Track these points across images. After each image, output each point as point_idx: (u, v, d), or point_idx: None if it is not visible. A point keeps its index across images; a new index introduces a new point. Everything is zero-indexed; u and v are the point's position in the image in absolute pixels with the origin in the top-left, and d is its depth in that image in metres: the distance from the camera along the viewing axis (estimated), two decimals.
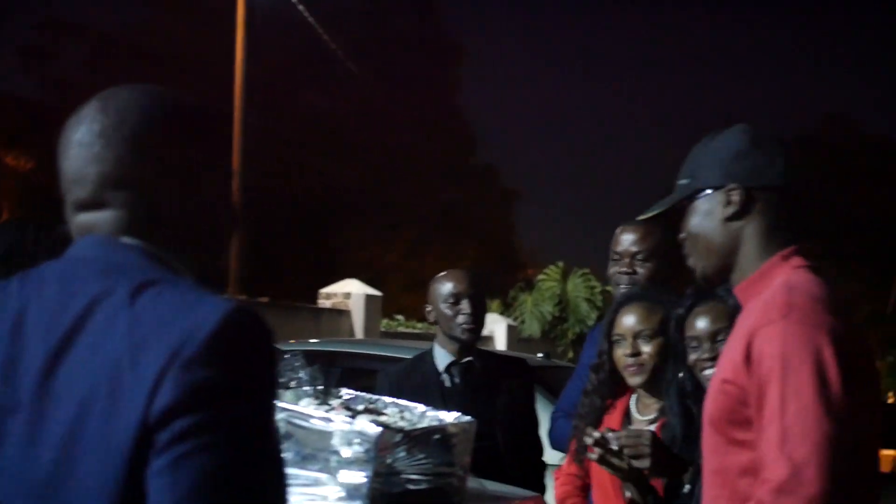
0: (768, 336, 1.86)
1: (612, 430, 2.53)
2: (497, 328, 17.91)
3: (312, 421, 2.75)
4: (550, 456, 3.93)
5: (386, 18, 30.34)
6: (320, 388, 3.11)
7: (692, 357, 2.75)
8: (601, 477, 2.92)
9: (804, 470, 1.75)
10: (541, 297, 20.04)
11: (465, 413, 3.54)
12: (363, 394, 3.14)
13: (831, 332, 1.85)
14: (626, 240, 3.46)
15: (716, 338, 2.68)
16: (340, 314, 13.99)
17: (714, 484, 2.02)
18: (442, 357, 3.79)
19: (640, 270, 3.42)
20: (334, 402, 2.99)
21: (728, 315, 2.72)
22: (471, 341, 3.75)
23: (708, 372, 2.69)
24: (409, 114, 29.39)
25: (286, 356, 3.22)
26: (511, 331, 18.14)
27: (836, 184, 32.55)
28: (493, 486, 3.39)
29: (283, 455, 1.32)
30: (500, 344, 17.52)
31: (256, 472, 1.23)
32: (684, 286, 2.80)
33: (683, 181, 2.17)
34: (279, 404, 2.83)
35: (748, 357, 1.89)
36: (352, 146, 27.62)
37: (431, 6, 31.55)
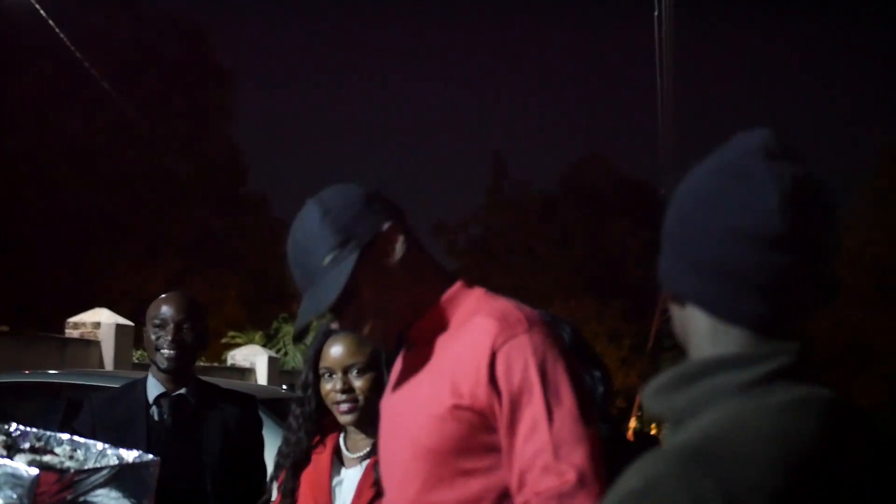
0: (516, 349, 1.83)
1: None
2: (259, 360, 17.52)
3: None
4: None
5: (156, 44, 29.45)
6: None
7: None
8: None
9: (585, 472, 1.76)
10: None
11: (170, 451, 3.25)
12: (34, 430, 2.82)
13: (564, 343, 1.91)
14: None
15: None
16: (89, 344, 13.24)
17: None
18: (153, 387, 3.47)
19: None
20: None
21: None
22: (171, 371, 3.43)
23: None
24: (176, 140, 28.55)
25: None
26: (272, 363, 17.76)
27: (596, 221, 33.73)
28: None
29: None
30: (262, 376, 17.13)
31: None
32: None
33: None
34: None
35: (492, 377, 1.82)
36: (110, 171, 26.47)
37: (202, 33, 30.85)
